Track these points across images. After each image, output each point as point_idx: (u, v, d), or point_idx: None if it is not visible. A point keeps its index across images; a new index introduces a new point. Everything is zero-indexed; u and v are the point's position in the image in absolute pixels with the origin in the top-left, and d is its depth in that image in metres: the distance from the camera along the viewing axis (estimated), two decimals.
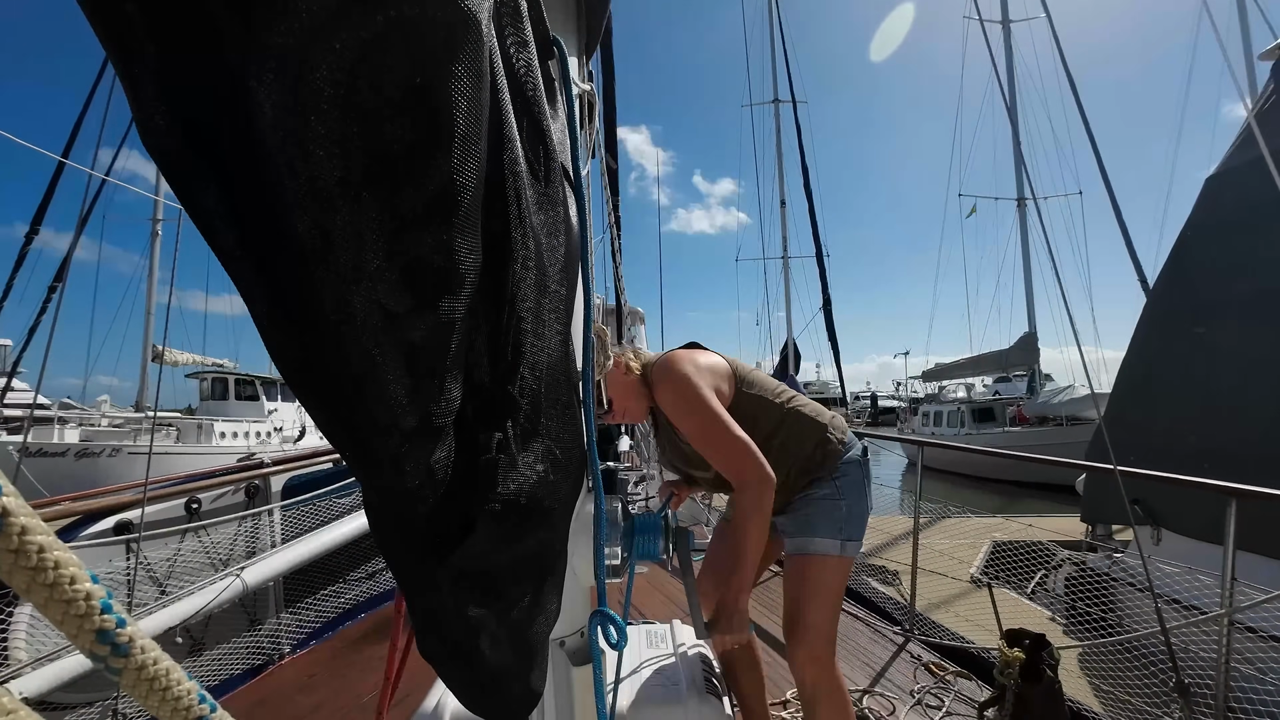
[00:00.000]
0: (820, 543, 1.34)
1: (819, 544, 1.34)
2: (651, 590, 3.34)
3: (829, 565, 1.34)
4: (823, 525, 1.35)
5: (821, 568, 1.34)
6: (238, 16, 0.29)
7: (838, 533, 1.34)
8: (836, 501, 1.36)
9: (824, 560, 1.34)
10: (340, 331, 0.36)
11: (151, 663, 0.26)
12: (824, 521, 1.35)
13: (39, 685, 1.79)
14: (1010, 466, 13.55)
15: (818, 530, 1.35)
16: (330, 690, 2.41)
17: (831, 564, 1.34)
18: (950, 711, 2.11)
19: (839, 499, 1.36)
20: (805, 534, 1.36)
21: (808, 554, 1.35)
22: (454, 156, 0.38)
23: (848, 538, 1.35)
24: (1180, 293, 4.36)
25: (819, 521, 1.35)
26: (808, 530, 1.36)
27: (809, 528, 1.36)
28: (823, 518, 1.35)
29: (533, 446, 0.55)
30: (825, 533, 1.34)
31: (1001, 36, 19.82)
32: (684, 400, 1.27)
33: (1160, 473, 2.34)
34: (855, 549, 1.37)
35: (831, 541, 1.34)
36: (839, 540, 1.34)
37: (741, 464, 1.19)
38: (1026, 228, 19.79)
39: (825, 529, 1.35)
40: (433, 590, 0.51)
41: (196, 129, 0.31)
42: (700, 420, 1.25)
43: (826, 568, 1.34)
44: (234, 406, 15.50)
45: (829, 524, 1.35)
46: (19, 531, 0.22)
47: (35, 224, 6.78)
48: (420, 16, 0.34)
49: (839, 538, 1.34)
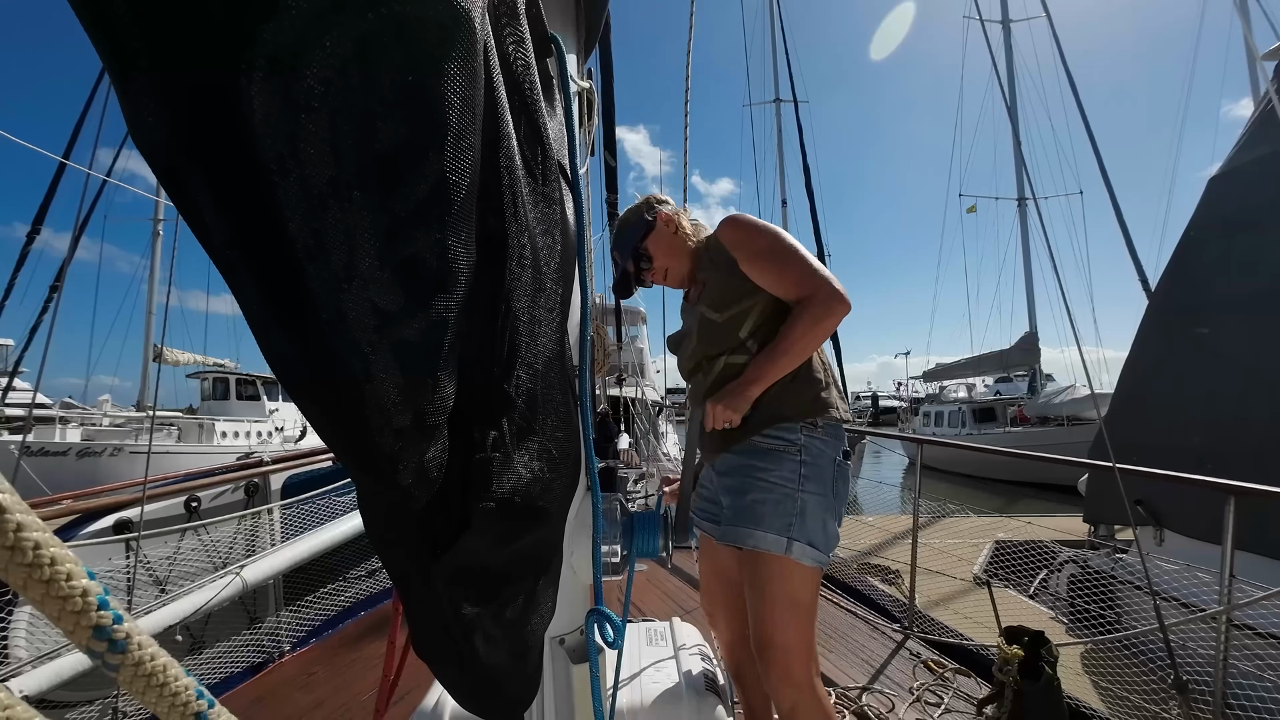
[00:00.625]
0: (760, 536, 1.12)
1: (760, 537, 1.12)
2: (651, 588, 3.35)
3: (795, 575, 1.12)
4: (769, 515, 1.12)
5: (786, 578, 1.11)
6: (228, 13, 0.29)
7: (785, 529, 1.11)
8: (791, 493, 1.13)
9: (789, 568, 1.11)
10: (333, 331, 0.36)
11: (149, 659, 0.26)
12: (771, 510, 1.13)
13: (39, 683, 1.80)
14: (1011, 466, 13.56)
15: (761, 519, 1.13)
16: (330, 688, 2.41)
17: (799, 573, 1.12)
18: (949, 709, 2.12)
19: (796, 490, 1.13)
20: (745, 522, 1.14)
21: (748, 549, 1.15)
22: (447, 155, 0.38)
23: (796, 538, 1.11)
24: (1183, 293, 4.35)
25: (764, 509, 1.13)
26: (748, 516, 1.14)
27: (750, 514, 1.14)
28: (770, 505, 1.13)
29: (529, 445, 0.55)
30: (770, 525, 1.12)
31: (1001, 36, 19.79)
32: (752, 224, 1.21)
33: (1160, 470, 2.34)
34: (807, 556, 1.11)
35: (775, 538, 1.11)
36: (785, 538, 1.11)
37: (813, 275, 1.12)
38: (1027, 227, 19.80)
39: (771, 520, 1.12)
40: (427, 589, 0.51)
41: (186, 126, 0.31)
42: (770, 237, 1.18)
43: (793, 579, 1.11)
44: (235, 406, 15.52)
45: (776, 515, 1.12)
46: (14, 528, 0.22)
47: (36, 224, 6.79)
48: (413, 15, 0.34)
49: (785, 535, 1.11)
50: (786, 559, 1.11)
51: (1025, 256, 19.88)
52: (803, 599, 1.13)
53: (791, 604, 1.12)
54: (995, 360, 19.85)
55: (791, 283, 1.16)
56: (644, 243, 1.36)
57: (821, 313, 1.11)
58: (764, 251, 1.20)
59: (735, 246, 1.23)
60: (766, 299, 1.22)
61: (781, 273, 1.18)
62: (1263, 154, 4.07)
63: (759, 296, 1.22)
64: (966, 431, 18.11)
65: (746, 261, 1.21)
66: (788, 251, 1.18)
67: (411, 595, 0.54)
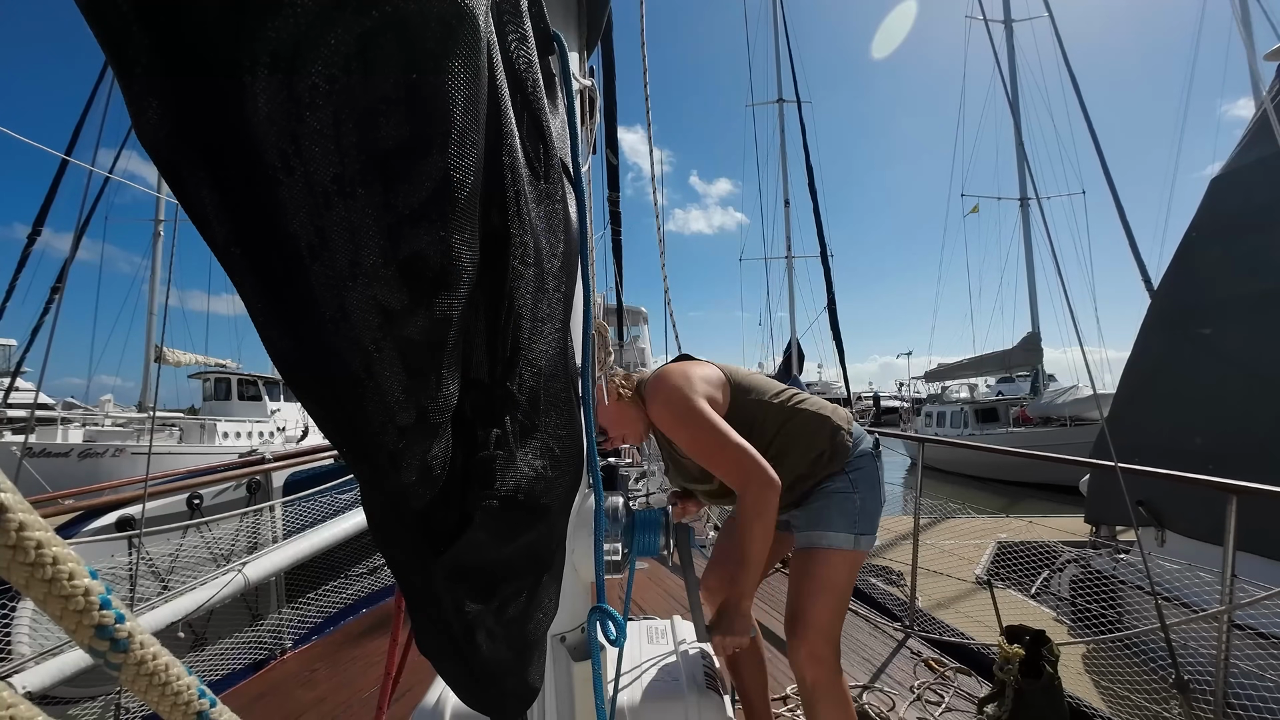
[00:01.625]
0: (833, 536, 1.32)
1: (832, 537, 1.32)
2: (652, 586, 3.35)
3: (839, 560, 1.31)
4: (836, 519, 1.33)
5: (831, 562, 1.31)
6: (232, 10, 0.29)
7: (851, 526, 1.32)
8: (850, 495, 1.34)
9: (834, 555, 1.31)
10: (336, 328, 0.36)
11: (151, 658, 0.26)
12: (837, 515, 1.33)
13: (41, 680, 1.80)
14: (1014, 466, 13.53)
15: (831, 524, 1.33)
16: (331, 685, 2.42)
17: (842, 559, 1.32)
18: (950, 707, 2.12)
19: (853, 492, 1.34)
20: (817, 527, 1.34)
21: (817, 547, 1.32)
22: (450, 153, 0.38)
23: (861, 531, 1.33)
24: (1185, 293, 4.35)
25: (832, 515, 1.33)
26: (820, 523, 1.34)
27: (822, 521, 1.34)
28: (836, 511, 1.33)
29: (531, 443, 0.55)
30: (839, 526, 1.32)
31: (1004, 36, 19.73)
32: (676, 414, 1.26)
33: (1161, 470, 2.34)
34: (869, 543, 1.34)
35: (844, 536, 1.32)
36: (852, 534, 1.32)
37: (741, 469, 1.18)
38: (1029, 227, 19.75)
39: (839, 522, 1.32)
40: (429, 586, 0.51)
41: (190, 123, 0.31)
42: (693, 430, 1.23)
43: (836, 563, 1.31)
44: (237, 406, 15.52)
45: (843, 517, 1.32)
46: (16, 527, 0.22)
47: (38, 224, 6.79)
48: (416, 12, 0.34)
49: (853, 531, 1.32)
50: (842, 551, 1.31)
51: (1028, 256, 19.83)
52: (843, 584, 1.32)
53: (833, 588, 1.30)
54: (997, 360, 19.81)
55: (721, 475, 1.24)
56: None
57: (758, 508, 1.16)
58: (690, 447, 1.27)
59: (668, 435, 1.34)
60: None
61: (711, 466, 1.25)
62: (1264, 154, 4.05)
63: None
64: (969, 432, 18.08)
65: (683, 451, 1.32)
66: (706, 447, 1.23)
67: (414, 592, 0.54)
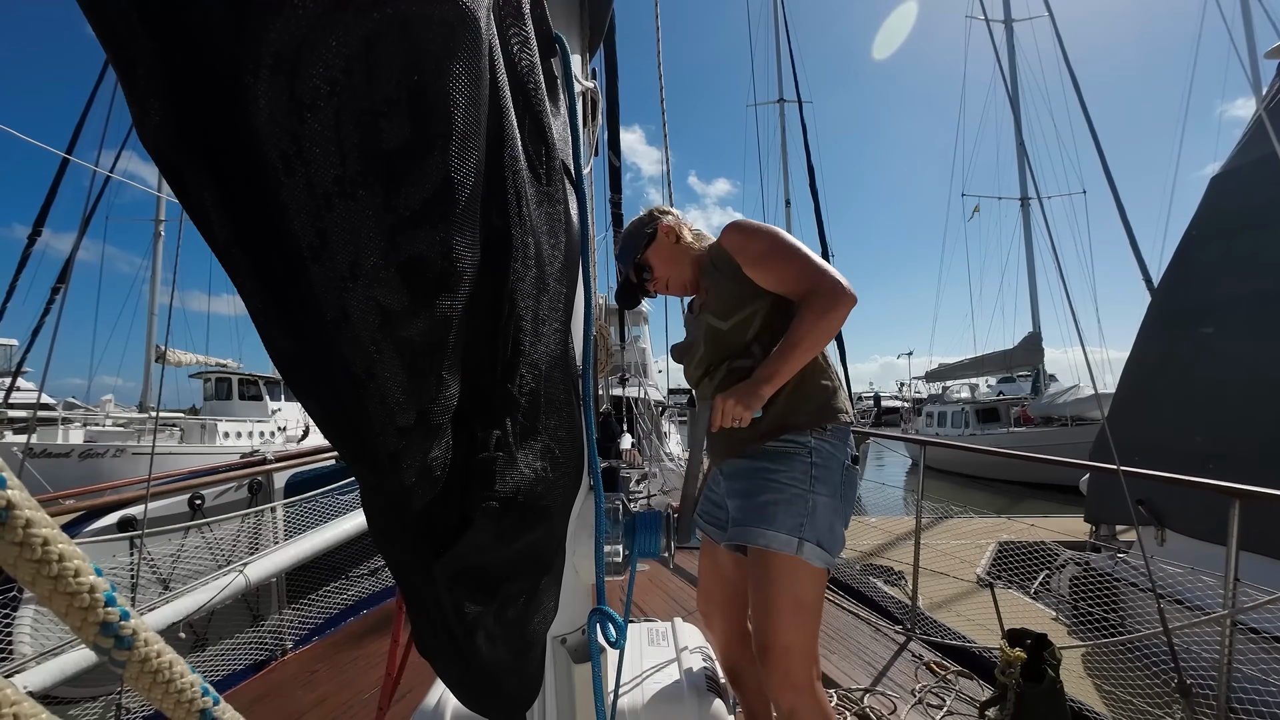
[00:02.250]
0: (772, 536, 1.12)
1: (772, 536, 1.12)
2: (653, 588, 3.35)
3: (801, 575, 1.12)
4: (780, 515, 1.13)
5: (792, 578, 1.11)
6: (234, 12, 0.29)
7: (797, 529, 1.11)
8: (803, 494, 1.14)
9: (795, 567, 1.11)
10: (337, 329, 0.36)
11: (155, 655, 0.26)
12: (782, 511, 1.13)
13: (43, 679, 1.81)
14: (1015, 467, 13.50)
15: (773, 519, 1.13)
16: (332, 686, 2.42)
17: (804, 572, 1.12)
18: (951, 711, 2.11)
19: (808, 491, 1.14)
20: (756, 521, 1.14)
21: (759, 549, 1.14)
22: (451, 154, 0.38)
23: (806, 538, 1.11)
24: (1185, 292, 4.34)
25: (776, 509, 1.13)
26: (759, 517, 1.14)
27: (761, 514, 1.14)
28: (782, 506, 1.13)
29: (532, 444, 0.55)
30: (781, 525, 1.12)
31: (1004, 36, 19.73)
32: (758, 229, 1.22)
33: (1163, 473, 2.33)
34: (817, 557, 1.12)
35: (786, 539, 1.11)
36: (795, 538, 1.11)
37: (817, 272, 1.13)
38: (1030, 227, 19.74)
39: (782, 520, 1.12)
40: (429, 587, 0.51)
41: (192, 124, 0.31)
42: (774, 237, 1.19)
43: (798, 578, 1.11)
44: (238, 406, 15.53)
45: (788, 515, 1.12)
46: (24, 525, 0.22)
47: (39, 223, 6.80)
48: (417, 14, 0.34)
49: (796, 535, 1.11)
50: (795, 559, 1.12)
51: (1028, 256, 19.83)
52: (807, 600, 1.13)
53: (796, 605, 1.12)
54: (998, 360, 19.80)
55: (794, 279, 1.17)
56: (645, 254, 1.39)
57: (827, 305, 1.11)
58: (766, 252, 1.20)
59: (738, 251, 1.24)
60: (770, 304, 1.23)
61: (784, 270, 1.19)
62: (1265, 153, 4.05)
63: (763, 301, 1.23)
64: (970, 432, 18.06)
65: (750, 264, 1.22)
66: (789, 249, 1.19)
67: (414, 593, 0.54)
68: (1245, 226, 4.04)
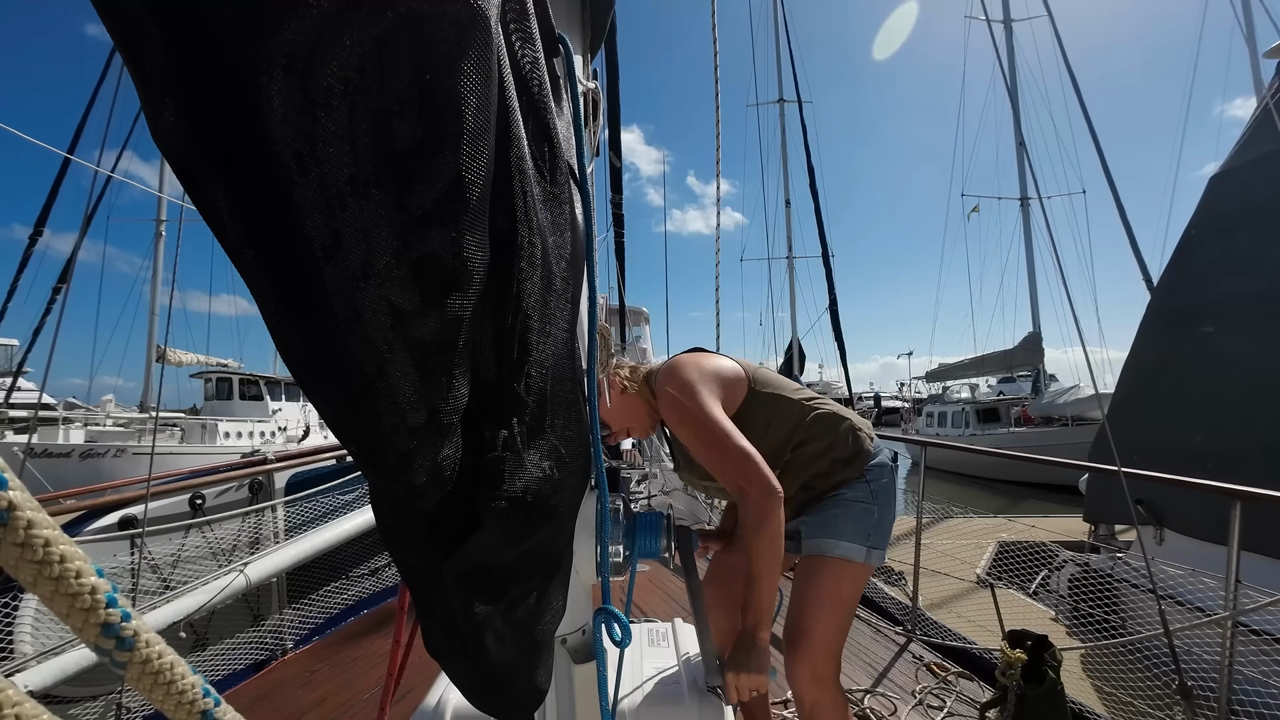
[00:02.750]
0: (845, 546, 1.24)
1: (844, 547, 1.24)
2: (653, 588, 3.35)
3: (847, 572, 1.24)
4: (850, 529, 1.25)
5: (839, 574, 1.24)
6: (248, 12, 0.29)
7: (865, 539, 1.24)
8: (869, 506, 1.27)
9: (843, 566, 1.23)
10: (349, 329, 0.36)
11: (156, 656, 0.26)
12: (853, 525, 1.25)
13: (44, 679, 1.80)
14: (1014, 467, 13.51)
15: (844, 533, 1.25)
16: (333, 686, 2.42)
17: (851, 571, 1.24)
18: (952, 712, 2.11)
19: (872, 504, 1.27)
20: (828, 534, 1.25)
21: (826, 556, 1.24)
22: (463, 154, 0.38)
23: (874, 545, 1.25)
24: (1184, 292, 4.34)
25: (848, 524, 1.26)
26: (832, 531, 1.26)
27: (833, 528, 1.26)
28: (851, 520, 1.26)
29: (539, 444, 0.55)
30: (852, 536, 1.24)
31: (1004, 36, 19.74)
32: (680, 409, 1.18)
33: (1166, 474, 2.33)
34: (880, 558, 1.26)
35: (857, 547, 1.24)
36: (865, 547, 1.24)
37: (740, 473, 1.09)
38: (1030, 227, 19.74)
39: (853, 533, 1.25)
40: (439, 587, 0.51)
41: (206, 124, 0.31)
42: (696, 429, 1.16)
43: (844, 575, 1.24)
44: (238, 406, 15.54)
45: (857, 528, 1.25)
46: (25, 525, 0.22)
47: (40, 223, 6.81)
48: (430, 13, 0.34)
49: (866, 544, 1.24)
50: (858, 564, 1.24)
51: (1028, 256, 19.83)
52: (849, 598, 1.25)
53: (837, 601, 1.23)
54: (998, 360, 19.80)
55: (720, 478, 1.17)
56: None
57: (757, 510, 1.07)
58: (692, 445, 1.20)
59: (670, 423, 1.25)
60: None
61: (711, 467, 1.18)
62: (1264, 152, 4.05)
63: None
64: (970, 432, 18.07)
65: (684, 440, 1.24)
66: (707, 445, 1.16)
67: (422, 593, 0.53)
68: (1245, 226, 4.04)
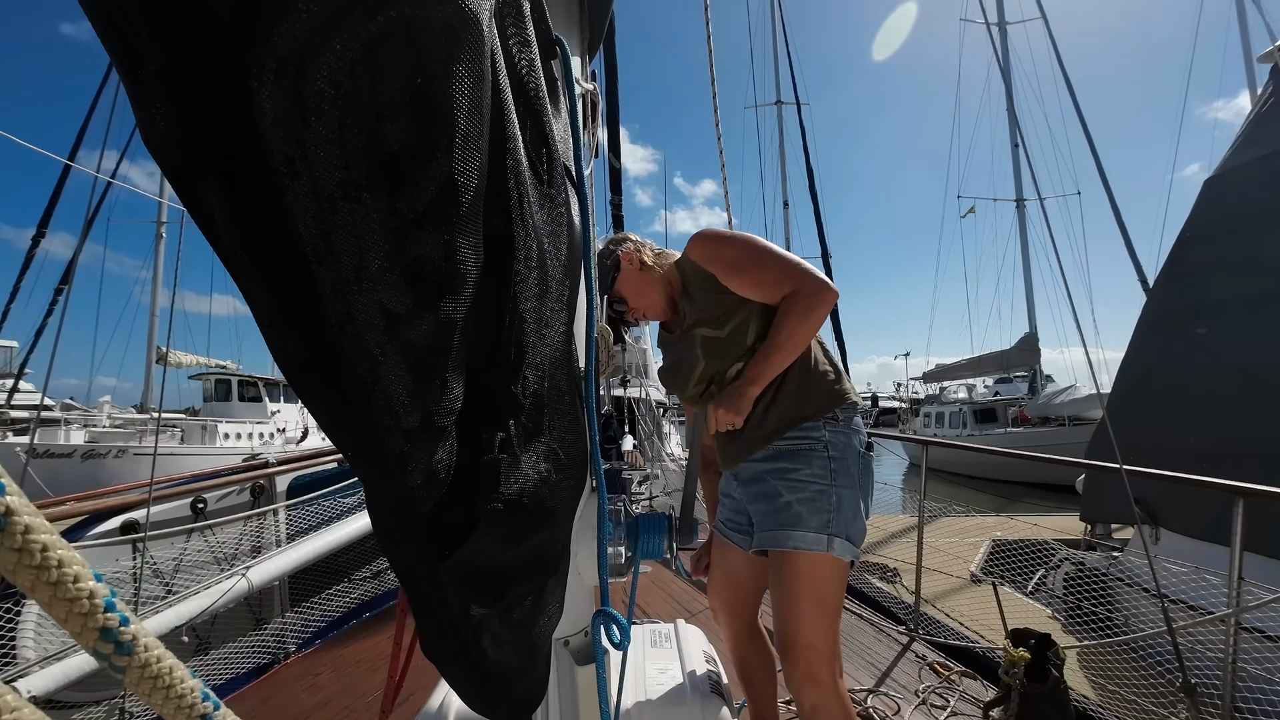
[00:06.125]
0: (798, 536, 1.11)
1: (800, 537, 1.11)
2: (655, 589, 3.34)
3: (820, 569, 1.12)
4: (804, 516, 1.12)
5: (811, 572, 1.12)
6: (239, 16, 0.29)
7: (824, 526, 1.12)
8: (826, 489, 1.14)
9: (812, 562, 1.11)
10: (342, 332, 0.36)
11: (155, 661, 0.26)
12: (806, 511, 1.13)
13: (46, 684, 1.80)
14: (1013, 466, 13.52)
15: (797, 521, 1.12)
16: (335, 689, 2.41)
17: (822, 568, 1.12)
18: (955, 711, 2.11)
19: (829, 485, 1.14)
20: (782, 525, 1.14)
21: (783, 549, 1.14)
22: (455, 157, 0.38)
23: (835, 534, 1.12)
24: (1179, 293, 4.35)
25: (800, 511, 1.13)
26: (785, 520, 1.14)
27: (786, 517, 1.14)
28: (805, 506, 1.13)
29: (536, 446, 0.55)
30: (806, 526, 1.12)
31: (998, 38, 19.78)
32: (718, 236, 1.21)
33: (1168, 472, 2.33)
34: (847, 551, 1.13)
35: (816, 536, 1.11)
36: (824, 535, 1.11)
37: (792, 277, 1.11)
38: (1026, 228, 19.76)
39: (807, 522, 1.12)
40: (435, 590, 0.51)
41: (198, 129, 0.31)
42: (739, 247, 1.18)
43: (818, 572, 1.12)
44: (237, 408, 15.55)
45: (812, 515, 1.12)
46: (22, 531, 0.22)
47: (42, 226, 6.83)
48: (421, 17, 0.34)
49: (825, 531, 1.11)
50: (819, 556, 1.12)
51: (1024, 257, 19.87)
52: (830, 596, 1.14)
53: (819, 602, 1.12)
54: (995, 361, 19.83)
55: (772, 283, 1.16)
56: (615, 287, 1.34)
57: (809, 304, 1.11)
58: (740, 260, 1.19)
59: (709, 260, 1.23)
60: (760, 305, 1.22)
61: (760, 276, 1.17)
62: (1260, 154, 4.06)
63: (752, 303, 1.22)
64: (967, 432, 18.07)
65: (725, 273, 1.21)
66: (762, 254, 1.17)
67: (419, 595, 0.53)
68: (1240, 228, 4.04)
